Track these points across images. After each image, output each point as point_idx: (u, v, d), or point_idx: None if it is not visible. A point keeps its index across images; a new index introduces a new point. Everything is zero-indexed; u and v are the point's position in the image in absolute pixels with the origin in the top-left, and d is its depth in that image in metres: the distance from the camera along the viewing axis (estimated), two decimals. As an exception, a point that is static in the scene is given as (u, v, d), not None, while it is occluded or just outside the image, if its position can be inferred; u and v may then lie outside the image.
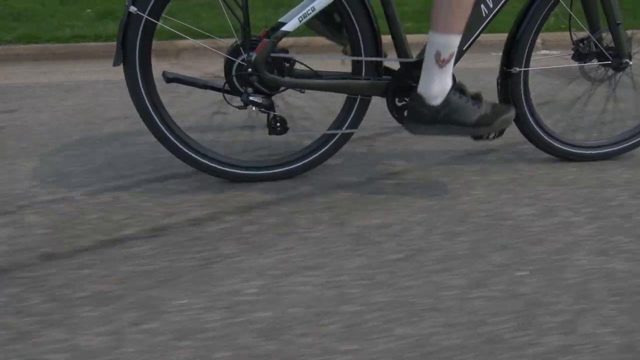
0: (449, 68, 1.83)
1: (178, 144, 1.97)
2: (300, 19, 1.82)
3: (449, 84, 1.84)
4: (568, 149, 2.19)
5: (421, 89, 1.84)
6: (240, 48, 1.86)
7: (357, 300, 1.49)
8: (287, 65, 1.93)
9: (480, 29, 1.96)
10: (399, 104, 1.98)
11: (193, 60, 3.47)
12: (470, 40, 1.96)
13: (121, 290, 1.52)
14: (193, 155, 1.99)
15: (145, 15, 1.81)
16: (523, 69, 2.05)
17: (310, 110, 2.47)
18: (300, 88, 1.94)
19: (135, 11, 1.80)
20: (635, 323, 1.41)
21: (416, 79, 1.94)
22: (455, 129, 1.86)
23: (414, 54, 1.97)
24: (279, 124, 1.97)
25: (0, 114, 2.79)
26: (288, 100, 2.14)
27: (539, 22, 2.01)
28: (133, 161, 2.25)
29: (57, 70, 3.56)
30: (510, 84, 2.07)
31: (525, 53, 2.04)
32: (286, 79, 1.91)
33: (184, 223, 1.83)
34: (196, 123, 2.56)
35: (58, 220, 1.83)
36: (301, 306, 1.46)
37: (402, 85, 1.95)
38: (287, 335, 1.37)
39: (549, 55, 2.36)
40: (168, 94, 2.11)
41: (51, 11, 4.37)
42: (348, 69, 2.00)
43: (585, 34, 2.10)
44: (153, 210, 1.89)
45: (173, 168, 2.15)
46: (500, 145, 2.34)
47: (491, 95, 2.09)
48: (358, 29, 1.90)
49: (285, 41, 1.89)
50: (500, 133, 1.94)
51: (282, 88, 1.95)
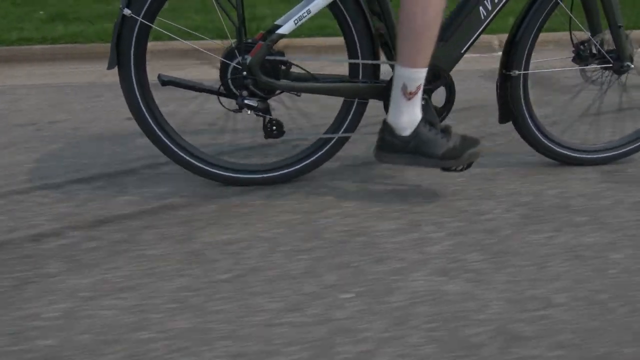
0: (417, 100, 1.82)
1: (173, 147, 1.95)
2: (296, 22, 1.80)
3: (418, 115, 1.84)
4: (568, 153, 2.17)
5: (390, 119, 1.85)
6: (235, 51, 1.84)
7: (154, 327, 1.38)
8: (284, 68, 1.92)
9: (479, 31, 1.94)
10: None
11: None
12: (469, 42, 1.95)
13: None
14: (187, 158, 1.97)
15: (139, 19, 1.80)
16: (522, 72, 2.03)
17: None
18: (296, 91, 1.92)
19: (130, 14, 1.79)
20: (439, 354, 1.30)
21: None
22: (424, 161, 1.87)
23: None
24: (275, 128, 1.95)
25: None
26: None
27: (538, 24, 1.98)
28: (5, 172, 2.14)
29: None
30: (510, 87, 2.04)
31: (525, 56, 2.01)
32: (282, 82, 1.89)
33: (23, 239, 1.73)
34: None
35: None
36: (92, 333, 1.36)
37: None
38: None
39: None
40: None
41: (2, 12, 4.27)
42: (345, 71, 1.99)
43: (585, 36, 2.08)
44: (1, 225, 1.80)
45: (47, 179, 2.07)
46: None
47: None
48: (354, 32, 1.88)
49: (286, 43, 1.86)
50: (468, 166, 1.93)
51: (278, 91, 1.94)
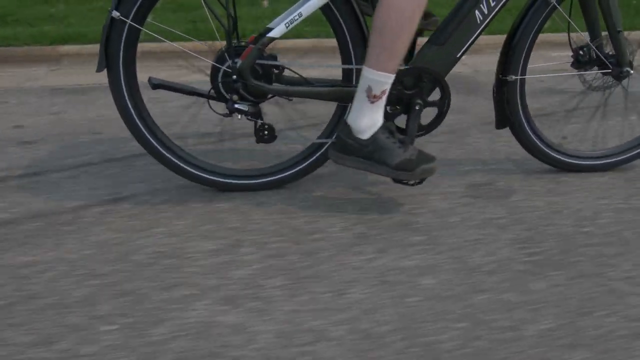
0: (381, 105, 1.79)
1: (163, 151, 1.93)
2: (287, 25, 1.77)
3: (379, 120, 1.80)
4: (566, 159, 2.13)
5: (350, 120, 1.81)
6: (225, 54, 1.81)
7: None
8: (276, 71, 1.89)
9: (475, 35, 1.90)
10: (390, 112, 1.92)
11: (75, 66, 3.34)
12: (465, 46, 1.90)
13: None
14: (178, 162, 1.94)
15: (129, 21, 1.77)
16: (519, 77, 1.99)
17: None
18: (288, 96, 1.89)
19: (118, 16, 1.76)
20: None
21: (407, 87, 1.90)
22: (377, 168, 1.83)
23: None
24: (266, 132, 1.92)
25: None
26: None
27: (535, 29, 1.95)
28: None
29: None
30: (506, 92, 2.01)
31: (522, 60, 1.98)
32: (273, 86, 1.86)
33: None
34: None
35: None
36: None
37: (394, 94, 1.90)
38: None
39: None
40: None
41: None
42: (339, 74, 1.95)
43: (584, 41, 2.04)
44: None
45: None
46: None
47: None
48: (348, 36, 1.84)
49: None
50: (421, 181, 1.89)
51: (270, 95, 1.91)
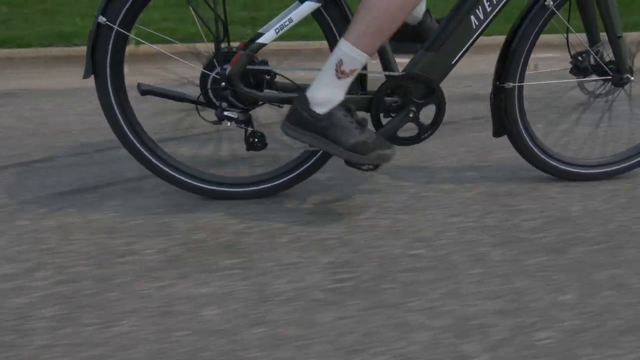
0: (345, 84, 1.73)
1: (153, 159, 1.89)
2: (277, 31, 1.73)
3: (339, 97, 1.74)
4: (565, 168, 2.08)
5: (309, 91, 1.74)
6: (214, 60, 1.78)
7: None
8: (268, 77, 1.85)
9: (471, 41, 1.85)
10: (384, 120, 1.88)
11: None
12: (460, 53, 1.86)
13: None
14: (169, 171, 1.91)
15: (115, 27, 1.74)
16: (517, 84, 1.94)
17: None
18: (279, 103, 1.85)
19: (105, 22, 1.73)
20: None
21: (402, 94, 1.85)
22: (329, 146, 1.75)
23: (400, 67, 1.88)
24: (257, 140, 1.88)
25: None
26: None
27: (533, 35, 1.90)
28: None
29: None
30: (504, 100, 1.96)
31: (520, 67, 1.93)
32: (264, 93, 1.82)
33: None
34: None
35: None
36: None
37: (387, 101, 1.86)
38: None
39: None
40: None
41: None
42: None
43: (583, 47, 1.99)
44: None
45: None
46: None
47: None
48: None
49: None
50: (376, 167, 1.83)
51: (261, 102, 1.87)
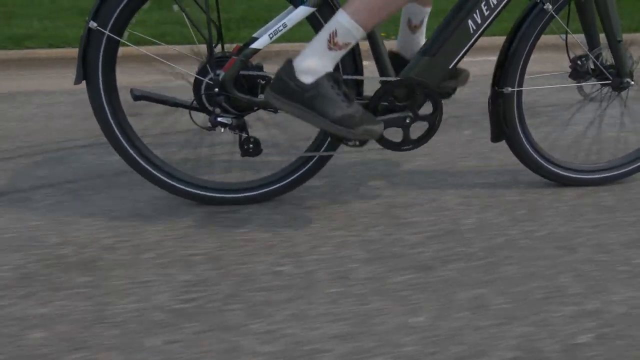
0: (336, 57, 1.68)
1: (146, 165, 1.87)
2: (271, 36, 1.71)
3: (327, 68, 1.69)
4: (565, 174, 2.05)
5: (297, 59, 1.69)
6: (207, 66, 1.75)
7: None
8: (262, 82, 1.82)
9: (468, 46, 1.82)
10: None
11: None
12: (457, 58, 1.83)
13: None
14: (162, 177, 1.88)
15: (107, 32, 1.71)
16: (516, 89, 1.91)
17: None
18: (274, 108, 1.82)
19: (96, 27, 1.70)
20: None
21: (399, 99, 1.83)
22: (314, 118, 1.69)
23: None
24: (251, 146, 1.85)
25: None
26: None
27: (532, 39, 1.87)
28: None
29: None
30: (502, 105, 1.93)
31: (518, 72, 1.90)
32: (258, 98, 1.79)
33: None
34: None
35: None
36: None
37: (384, 106, 1.83)
38: None
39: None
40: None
41: None
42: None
43: (583, 51, 1.96)
44: None
45: None
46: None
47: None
48: (335, 46, 1.78)
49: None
50: (362, 143, 1.77)
51: (256, 108, 1.84)
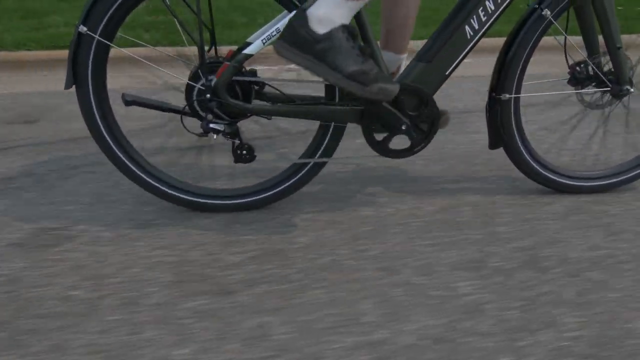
0: (354, 7, 1.61)
1: (137, 170, 1.83)
2: (264, 41, 1.67)
3: (343, 19, 1.61)
4: (563, 181, 2.02)
5: (311, 8, 1.62)
6: (199, 72, 1.72)
7: None
8: (256, 88, 1.79)
9: (465, 51, 1.80)
10: (377, 133, 1.83)
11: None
12: (454, 64, 1.80)
13: None
14: (153, 182, 1.85)
15: (97, 37, 1.68)
16: (514, 96, 1.88)
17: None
18: (268, 114, 1.79)
19: (86, 31, 1.67)
20: None
21: (395, 105, 1.79)
22: (326, 72, 1.62)
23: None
24: (245, 152, 1.82)
25: None
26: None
27: (530, 45, 1.84)
28: None
29: None
30: (500, 112, 1.90)
31: (516, 79, 1.87)
32: (251, 104, 1.76)
33: None
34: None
35: None
36: None
37: (379, 112, 1.80)
38: None
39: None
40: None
41: None
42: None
43: (582, 57, 1.93)
44: None
45: None
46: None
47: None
48: (330, 52, 1.75)
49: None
50: (374, 104, 1.74)
51: (249, 114, 1.81)
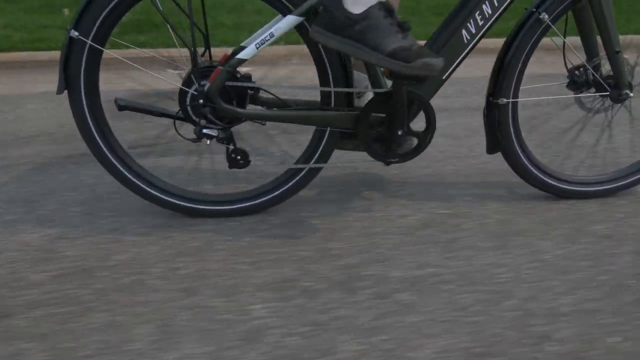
0: None
1: (130, 176, 1.82)
2: (258, 46, 1.65)
3: None
4: (562, 186, 2.00)
5: None
6: (192, 76, 1.70)
7: None
8: (251, 92, 1.77)
9: (462, 56, 1.78)
10: (372, 138, 1.80)
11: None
12: (451, 68, 1.79)
13: None
14: (146, 188, 1.83)
15: (89, 42, 1.66)
16: (511, 100, 1.86)
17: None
18: (262, 120, 1.77)
19: (77, 36, 1.65)
20: None
21: (389, 111, 1.77)
22: (366, 53, 1.54)
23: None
24: (239, 157, 1.80)
25: None
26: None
27: (528, 49, 1.81)
28: None
29: None
30: (497, 117, 1.88)
31: (514, 83, 1.85)
32: (246, 110, 1.74)
33: None
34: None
35: None
36: None
37: (374, 117, 1.78)
38: None
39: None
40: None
41: None
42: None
43: (580, 61, 1.90)
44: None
45: None
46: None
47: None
48: (324, 56, 1.72)
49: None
50: (419, 80, 1.61)
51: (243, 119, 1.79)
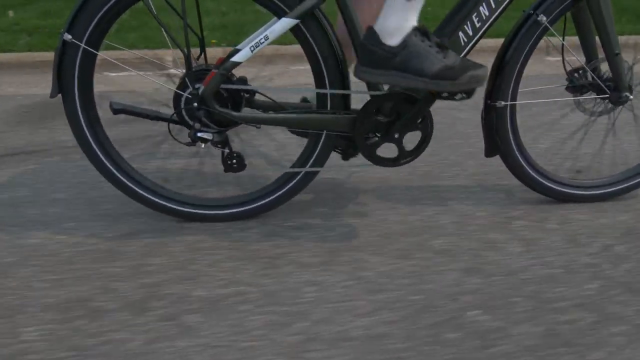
0: (417, 5, 1.55)
1: (125, 180, 1.81)
2: (252, 49, 1.64)
3: (411, 22, 1.55)
4: (563, 190, 1.97)
5: (377, 24, 1.56)
6: (186, 80, 1.69)
7: None
8: (246, 96, 1.76)
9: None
10: (369, 141, 1.79)
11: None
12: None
13: None
14: (141, 192, 1.82)
15: (82, 45, 1.65)
16: (509, 103, 1.84)
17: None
18: (257, 123, 1.76)
19: (70, 39, 1.64)
20: None
21: (387, 114, 1.76)
22: (413, 80, 1.56)
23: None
24: (235, 161, 1.79)
25: None
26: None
27: (526, 51, 1.79)
28: None
29: None
30: (495, 119, 1.86)
31: (512, 85, 1.83)
32: (240, 113, 1.73)
33: None
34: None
35: None
36: None
37: (371, 120, 1.76)
38: None
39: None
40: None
41: None
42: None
43: (579, 63, 1.88)
44: None
45: None
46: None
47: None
48: (320, 58, 1.71)
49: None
50: (468, 94, 1.62)
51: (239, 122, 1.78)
